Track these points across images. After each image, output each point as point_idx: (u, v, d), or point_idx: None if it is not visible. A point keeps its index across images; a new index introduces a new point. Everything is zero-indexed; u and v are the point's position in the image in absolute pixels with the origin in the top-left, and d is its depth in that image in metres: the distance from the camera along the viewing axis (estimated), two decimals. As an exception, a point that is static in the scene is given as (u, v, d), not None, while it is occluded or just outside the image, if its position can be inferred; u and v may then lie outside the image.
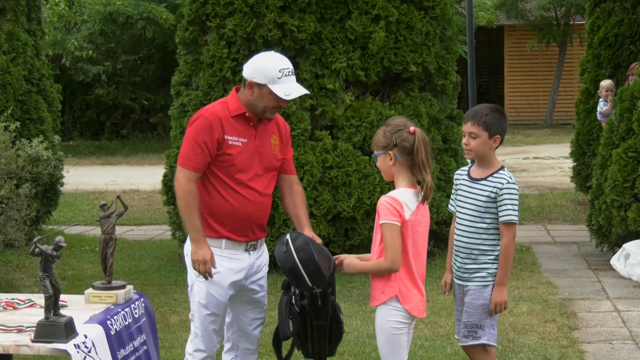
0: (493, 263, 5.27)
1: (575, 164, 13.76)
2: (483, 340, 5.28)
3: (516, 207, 5.21)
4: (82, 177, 18.11)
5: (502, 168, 5.40)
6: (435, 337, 7.51)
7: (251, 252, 5.31)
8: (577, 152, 13.58)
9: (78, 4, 25.83)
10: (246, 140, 5.19)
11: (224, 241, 5.21)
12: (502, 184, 5.32)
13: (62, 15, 25.19)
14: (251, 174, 5.21)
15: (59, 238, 4.07)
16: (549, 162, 20.77)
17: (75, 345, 3.87)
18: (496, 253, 5.22)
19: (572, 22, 28.25)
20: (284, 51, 9.79)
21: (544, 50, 29.44)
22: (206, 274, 5.07)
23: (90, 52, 24.37)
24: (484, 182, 5.36)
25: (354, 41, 9.83)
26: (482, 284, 5.30)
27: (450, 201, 5.63)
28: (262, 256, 5.44)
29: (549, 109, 29.34)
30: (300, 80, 9.69)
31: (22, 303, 4.53)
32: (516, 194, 5.27)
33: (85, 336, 3.95)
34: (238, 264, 5.24)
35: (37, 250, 3.98)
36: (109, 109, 26.69)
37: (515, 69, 30.92)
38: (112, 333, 4.12)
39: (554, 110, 29.24)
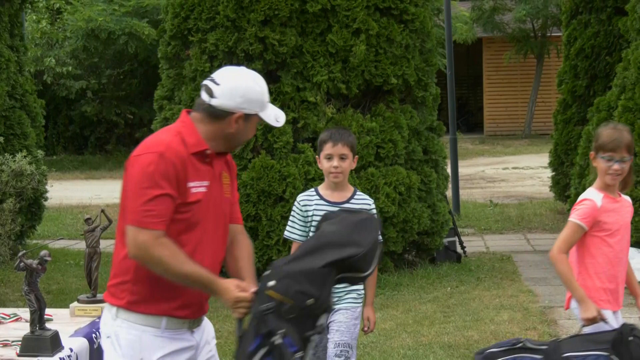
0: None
1: (553, 173, 13.80)
2: None
3: None
4: (66, 192, 18.05)
5: (354, 187, 5.33)
6: (418, 347, 7.50)
7: (195, 331, 4.02)
8: (556, 162, 13.63)
9: (60, 20, 25.82)
10: (208, 183, 3.90)
11: (164, 320, 3.86)
12: (369, 204, 5.26)
13: (45, 32, 25.17)
14: (204, 228, 3.92)
15: (43, 252, 4.05)
16: (528, 172, 20.82)
17: (60, 358, 3.85)
18: None
19: (549, 34, 28.38)
20: (266, 64, 9.83)
21: (522, 62, 29.57)
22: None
23: (70, 68, 24.35)
24: (348, 204, 5.20)
25: (335, 54, 9.85)
26: (354, 304, 5.21)
27: (295, 229, 5.27)
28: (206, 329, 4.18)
29: (528, 119, 29.44)
30: (282, 93, 9.73)
31: (7, 317, 4.51)
32: None
33: (71, 349, 3.94)
34: (182, 344, 3.94)
35: (22, 264, 3.96)
36: (93, 124, 26.67)
37: (494, 80, 31.04)
38: (95, 347, 4.11)
39: (532, 120, 29.34)
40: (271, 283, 3.70)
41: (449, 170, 11.86)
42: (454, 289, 9.53)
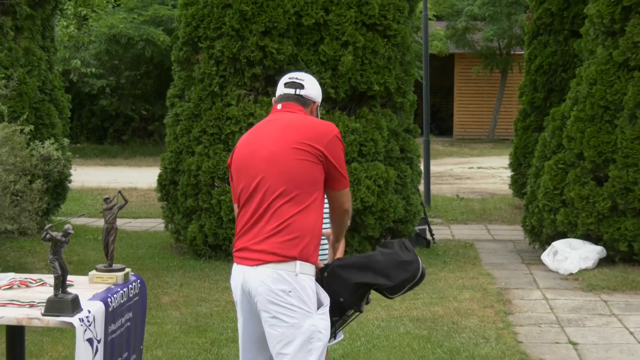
0: None
1: (513, 173, 13.84)
2: None
3: None
4: (87, 176, 18.02)
5: None
6: (391, 319, 7.53)
7: None
8: (515, 164, 13.67)
9: (86, 26, 25.74)
10: None
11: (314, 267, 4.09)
12: None
13: (72, 36, 25.11)
14: None
15: (67, 226, 4.05)
16: (490, 172, 20.88)
17: (80, 319, 3.85)
18: None
19: (512, 52, 28.43)
20: (265, 70, 9.85)
21: (488, 76, 29.62)
22: None
23: (94, 68, 24.30)
24: None
25: (326, 63, 9.86)
26: None
27: None
28: None
29: (492, 125, 29.50)
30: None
31: (34, 282, 4.50)
32: None
33: (89, 311, 3.94)
34: None
35: (48, 236, 3.96)
36: (112, 118, 26.62)
37: (464, 91, 31.08)
38: (110, 310, 4.11)
39: (496, 127, 29.40)
40: (325, 274, 4.14)
41: (422, 167, 11.87)
42: (423, 270, 9.55)
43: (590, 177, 9.65)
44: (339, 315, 4.19)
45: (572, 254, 9.48)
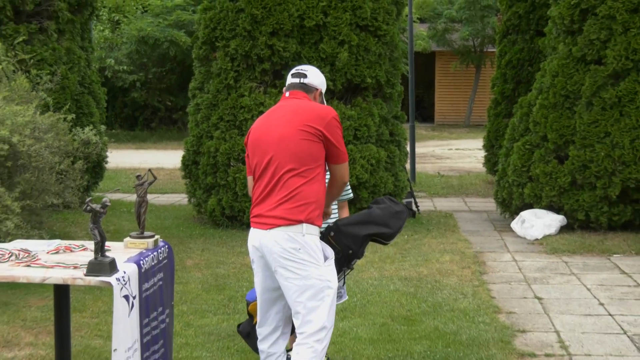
0: None
1: (486, 153, 13.83)
2: None
3: None
4: (120, 158, 18.01)
5: None
6: (382, 278, 7.55)
7: None
8: (488, 145, 13.65)
9: (119, 29, 25.65)
10: None
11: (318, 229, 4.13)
12: None
13: (107, 38, 25.03)
14: None
15: (104, 199, 4.05)
16: (467, 152, 20.85)
17: (116, 278, 3.86)
18: None
19: (485, 50, 28.31)
20: (273, 65, 9.81)
21: (465, 70, 29.51)
22: None
23: (125, 66, 24.23)
24: None
25: (325, 59, 9.82)
26: None
27: None
28: None
29: (468, 113, 29.43)
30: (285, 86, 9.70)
31: (77, 248, 4.50)
32: None
33: (124, 272, 3.94)
34: None
35: (88, 208, 3.95)
36: (141, 108, 26.53)
37: (443, 83, 30.98)
38: (142, 271, 4.11)
39: (471, 114, 29.33)
40: (332, 233, 4.31)
41: (408, 149, 11.87)
42: (409, 237, 9.57)
43: (553, 156, 9.64)
44: (347, 265, 4.38)
45: (538, 222, 9.49)
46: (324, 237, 4.26)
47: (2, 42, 9.38)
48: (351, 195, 5.06)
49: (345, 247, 4.32)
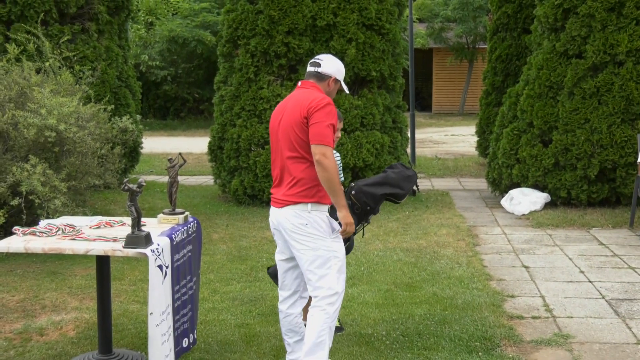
0: None
1: (478, 138, 13.76)
2: None
3: None
4: (154, 144, 18.04)
5: None
6: (386, 250, 7.53)
7: None
8: (480, 131, 13.58)
9: (152, 30, 25.59)
10: None
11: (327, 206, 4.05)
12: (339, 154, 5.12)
13: (142, 37, 24.98)
14: None
15: (140, 180, 4.03)
16: (461, 138, 20.76)
17: (151, 250, 3.85)
18: None
19: (477, 46, 28.10)
20: (288, 61, 9.75)
21: (459, 65, 29.32)
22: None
23: (158, 62, 24.21)
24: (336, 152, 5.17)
25: (335, 55, 9.74)
26: None
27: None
28: None
29: (462, 103, 29.26)
30: (299, 80, 9.64)
31: (116, 223, 4.50)
32: None
33: (158, 244, 3.93)
34: None
35: (126, 187, 3.95)
36: (172, 99, 26.50)
37: (440, 76, 30.78)
38: (174, 243, 4.11)
39: (465, 103, 29.17)
40: (353, 192, 4.60)
41: (409, 134, 11.80)
42: (410, 212, 9.54)
43: (538, 141, 9.56)
44: (365, 219, 4.65)
45: (525, 200, 9.43)
46: (347, 194, 4.46)
47: (49, 41, 9.36)
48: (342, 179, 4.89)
49: (364, 204, 4.56)
